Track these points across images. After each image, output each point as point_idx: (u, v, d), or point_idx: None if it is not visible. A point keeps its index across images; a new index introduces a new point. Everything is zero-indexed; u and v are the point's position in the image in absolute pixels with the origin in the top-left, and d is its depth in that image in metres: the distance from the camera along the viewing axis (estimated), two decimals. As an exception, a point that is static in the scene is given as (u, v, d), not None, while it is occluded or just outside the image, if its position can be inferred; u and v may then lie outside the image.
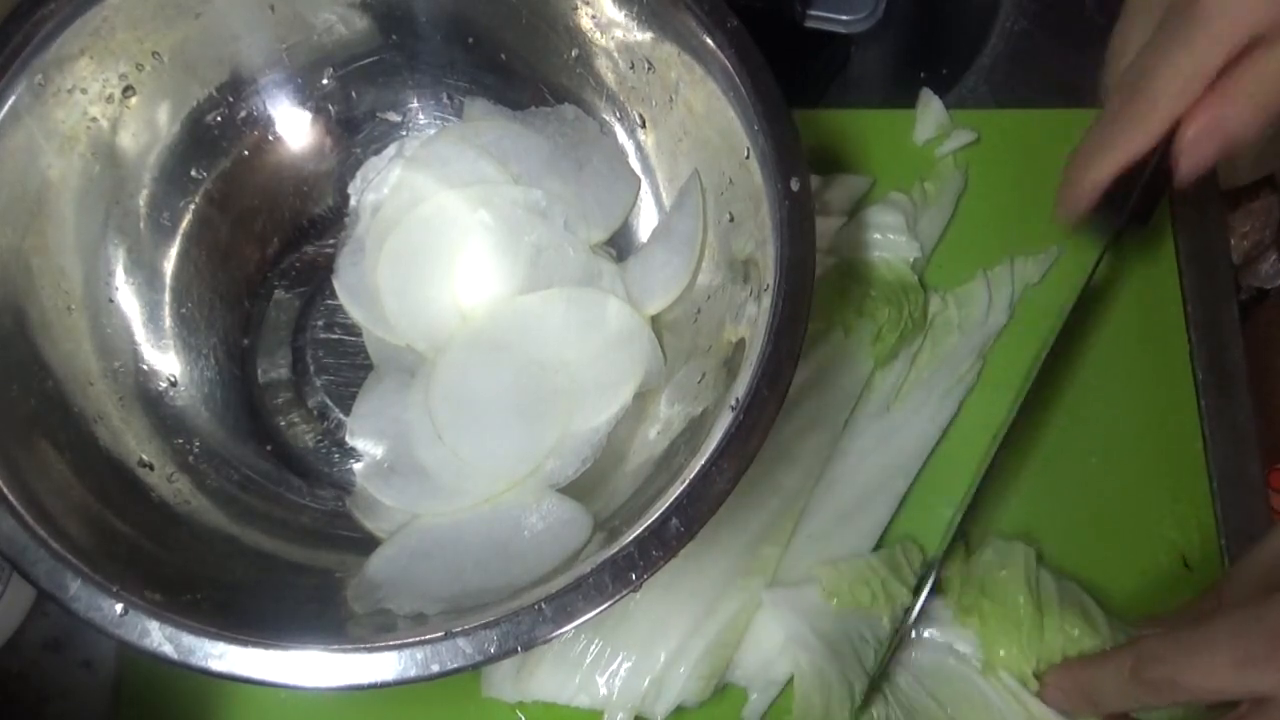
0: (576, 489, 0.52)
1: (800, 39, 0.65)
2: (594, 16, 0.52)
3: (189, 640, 0.39)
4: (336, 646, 0.40)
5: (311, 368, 0.57)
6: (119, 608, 0.40)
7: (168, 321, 0.54)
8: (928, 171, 0.63)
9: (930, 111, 0.63)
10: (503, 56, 0.56)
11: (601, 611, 0.40)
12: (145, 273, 0.53)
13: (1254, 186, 0.83)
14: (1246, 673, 0.41)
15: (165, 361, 0.53)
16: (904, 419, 0.58)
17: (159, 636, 0.39)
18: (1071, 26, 0.66)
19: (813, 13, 0.65)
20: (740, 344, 0.47)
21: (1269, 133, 0.51)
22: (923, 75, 0.66)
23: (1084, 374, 0.60)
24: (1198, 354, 0.60)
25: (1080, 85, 0.64)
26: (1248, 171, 0.79)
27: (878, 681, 0.53)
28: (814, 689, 0.52)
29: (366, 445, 0.54)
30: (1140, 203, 0.54)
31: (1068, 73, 0.65)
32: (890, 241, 0.59)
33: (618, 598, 0.40)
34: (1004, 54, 0.66)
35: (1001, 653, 0.52)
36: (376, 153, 0.58)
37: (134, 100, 0.51)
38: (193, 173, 0.54)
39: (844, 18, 0.65)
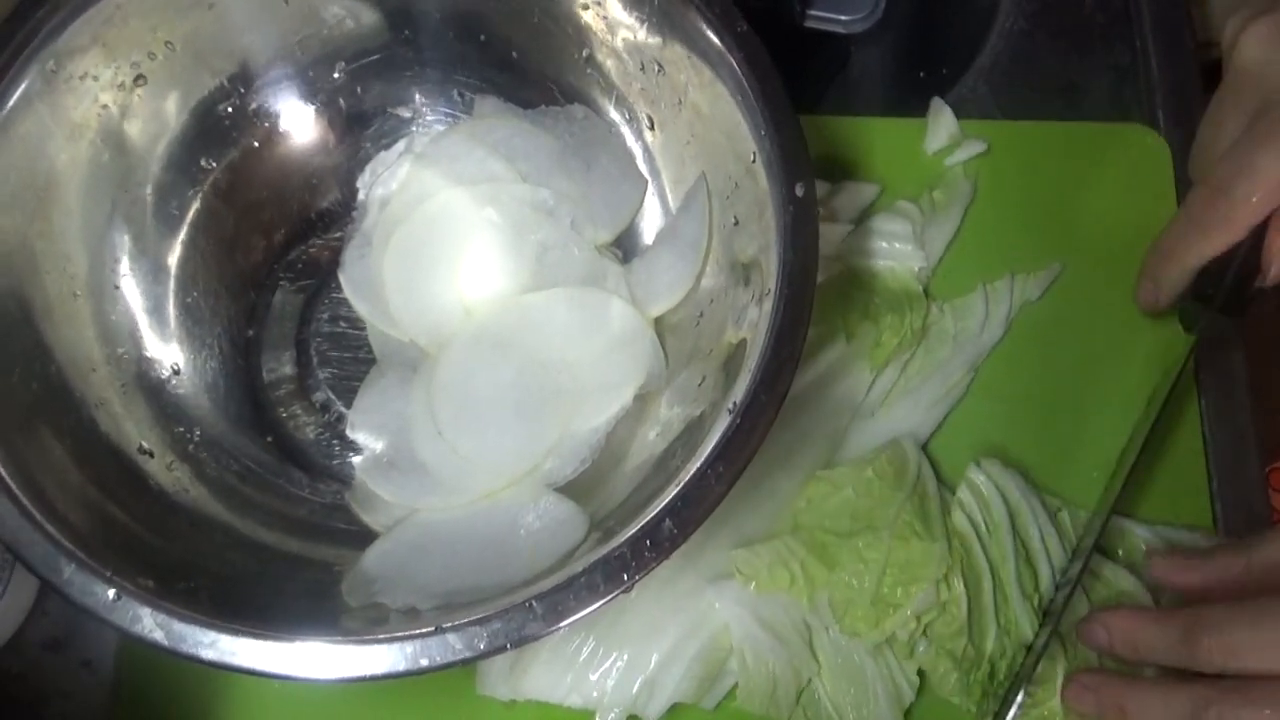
0: (574, 489, 0.52)
1: (799, 39, 0.65)
2: (604, 17, 0.52)
3: (180, 627, 0.40)
4: (326, 638, 0.40)
5: (315, 361, 0.57)
6: (111, 593, 0.40)
7: (172, 311, 0.54)
8: (936, 181, 0.62)
9: (942, 121, 0.63)
10: (514, 55, 0.56)
11: (593, 611, 0.40)
12: (151, 261, 0.53)
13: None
14: None
15: (168, 350, 0.53)
16: (890, 426, 0.58)
17: (150, 623, 0.40)
18: (1071, 27, 0.66)
19: (812, 13, 0.65)
20: (740, 347, 0.46)
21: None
22: (922, 76, 0.65)
23: (1087, 381, 0.59)
24: (1200, 354, 0.59)
25: (1080, 85, 0.64)
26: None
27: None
28: (758, 679, 0.52)
29: (367, 439, 0.54)
30: (1231, 295, 0.53)
31: (1067, 73, 0.64)
32: (896, 250, 0.59)
33: (609, 598, 0.40)
34: (1004, 54, 0.65)
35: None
36: (385, 148, 0.58)
37: (145, 89, 0.51)
38: (201, 163, 0.54)
39: (843, 18, 0.65)
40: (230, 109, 0.55)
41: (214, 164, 0.55)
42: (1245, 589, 0.47)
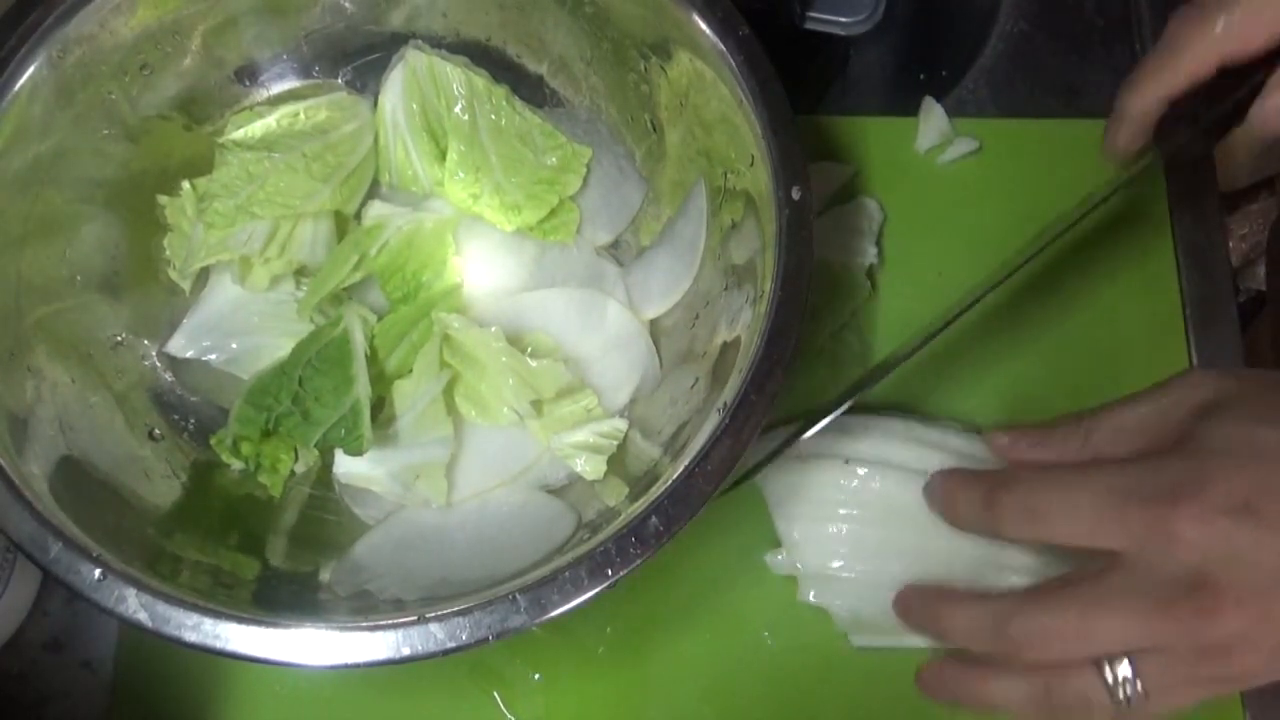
0: (565, 489, 0.52)
1: (799, 41, 0.65)
2: (606, 20, 0.52)
3: (164, 609, 0.40)
4: (311, 624, 0.40)
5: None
6: (97, 572, 0.40)
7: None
8: (927, 179, 0.62)
9: (932, 119, 0.62)
10: (516, 58, 0.56)
11: (576, 606, 0.40)
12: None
13: (1252, 189, 0.83)
14: (1104, 525, 0.40)
15: (167, 341, 0.53)
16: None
17: (135, 604, 0.40)
18: (1071, 28, 0.66)
19: (812, 15, 0.65)
20: (731, 348, 0.47)
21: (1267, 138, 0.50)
22: (922, 77, 0.65)
23: (1084, 376, 0.59)
24: (1197, 354, 0.59)
25: (1080, 86, 0.64)
26: (1246, 174, 0.79)
27: None
28: None
29: (361, 434, 0.54)
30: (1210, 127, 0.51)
31: (1067, 74, 0.64)
32: (851, 245, 0.59)
33: (593, 593, 0.40)
34: (1004, 55, 0.65)
35: None
36: (389, 146, 0.58)
37: (150, 79, 0.51)
38: (205, 155, 0.55)
39: (843, 19, 0.65)
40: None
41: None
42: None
